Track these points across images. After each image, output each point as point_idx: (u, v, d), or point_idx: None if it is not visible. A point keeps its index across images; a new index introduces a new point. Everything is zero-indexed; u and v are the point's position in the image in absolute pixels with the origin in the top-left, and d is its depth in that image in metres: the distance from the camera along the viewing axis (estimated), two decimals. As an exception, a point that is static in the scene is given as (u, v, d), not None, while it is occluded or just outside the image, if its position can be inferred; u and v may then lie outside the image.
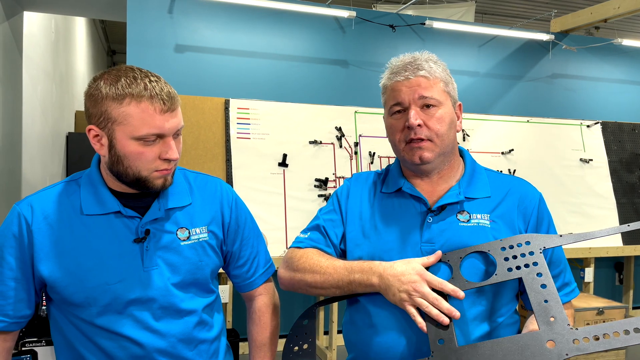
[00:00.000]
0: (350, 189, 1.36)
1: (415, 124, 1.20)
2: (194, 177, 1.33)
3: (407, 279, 1.11)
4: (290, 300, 3.79)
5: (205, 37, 3.86)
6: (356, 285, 1.18)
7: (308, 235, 1.33)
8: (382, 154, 3.76)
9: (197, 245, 1.25)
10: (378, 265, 1.16)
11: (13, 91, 4.26)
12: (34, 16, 4.87)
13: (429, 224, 1.23)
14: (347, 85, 4.15)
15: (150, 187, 1.17)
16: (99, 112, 1.11)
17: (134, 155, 1.12)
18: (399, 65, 1.26)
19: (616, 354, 3.67)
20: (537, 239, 1.15)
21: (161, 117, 1.11)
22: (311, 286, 1.24)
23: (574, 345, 0.99)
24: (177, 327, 1.21)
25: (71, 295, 1.15)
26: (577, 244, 3.97)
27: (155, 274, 1.19)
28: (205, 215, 1.28)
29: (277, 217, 3.41)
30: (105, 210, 1.18)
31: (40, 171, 5.28)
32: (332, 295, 1.24)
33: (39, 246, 1.16)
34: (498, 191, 1.27)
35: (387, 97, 1.27)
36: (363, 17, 4.17)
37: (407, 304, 1.09)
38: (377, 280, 1.14)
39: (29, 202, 1.19)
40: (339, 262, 1.23)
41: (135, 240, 1.18)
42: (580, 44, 4.83)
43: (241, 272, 1.37)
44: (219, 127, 3.46)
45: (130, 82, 1.10)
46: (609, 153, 4.32)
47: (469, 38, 4.54)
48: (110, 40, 10.98)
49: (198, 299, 1.25)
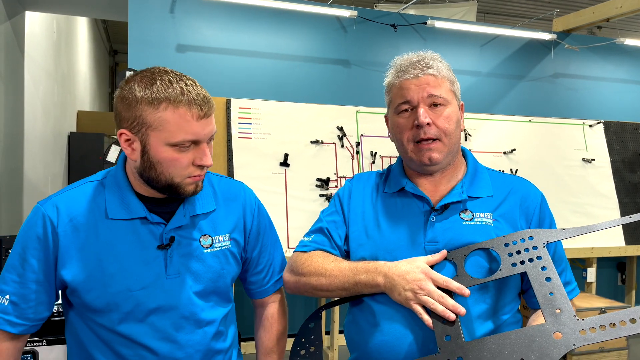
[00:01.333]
0: (352, 189, 1.36)
1: (425, 122, 1.19)
2: (218, 181, 1.30)
3: (412, 278, 1.11)
4: (293, 302, 3.79)
5: (207, 37, 3.86)
6: (362, 286, 1.18)
7: (312, 238, 1.33)
8: (383, 153, 3.76)
9: (219, 254, 1.22)
10: (383, 265, 1.16)
11: (15, 91, 4.27)
12: (35, 16, 4.87)
13: (432, 223, 1.22)
14: (349, 85, 4.14)
15: (181, 193, 1.14)
16: (133, 116, 1.07)
17: (168, 161, 1.09)
18: (406, 64, 1.24)
19: (618, 354, 3.67)
20: (539, 233, 1.15)
21: (198, 123, 1.08)
22: (317, 289, 1.24)
23: (581, 335, 0.99)
24: (196, 338, 1.18)
25: (93, 301, 1.13)
26: (580, 244, 3.96)
27: (178, 282, 1.16)
28: (228, 223, 1.26)
29: (278, 217, 3.41)
30: (131, 215, 1.15)
31: (42, 171, 5.28)
32: (338, 297, 1.24)
33: (64, 249, 1.12)
34: (500, 190, 1.28)
35: (394, 95, 1.26)
36: (365, 16, 4.16)
37: (412, 303, 1.09)
38: (383, 280, 1.14)
39: (54, 202, 1.15)
40: (344, 264, 1.22)
41: (159, 246, 1.15)
42: (582, 43, 4.82)
43: (258, 278, 1.35)
44: (221, 126, 3.46)
45: (167, 85, 1.07)
46: (612, 153, 4.31)
47: (471, 37, 4.53)
48: (112, 40, 10.99)
49: (218, 309, 1.23)
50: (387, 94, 1.29)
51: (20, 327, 1.14)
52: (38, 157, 5.12)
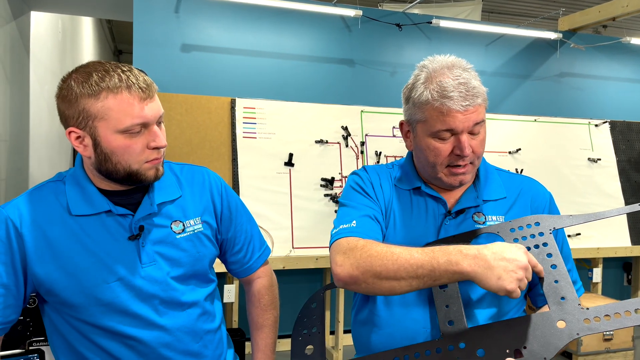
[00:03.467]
0: (371, 179, 1.29)
1: (469, 153, 1.15)
2: (180, 169, 1.30)
3: (513, 257, 0.99)
4: (296, 300, 3.78)
5: (212, 37, 3.86)
6: (441, 272, 1.01)
7: (355, 224, 1.17)
8: (388, 153, 3.75)
9: (193, 237, 1.23)
10: (469, 247, 1.02)
11: (20, 91, 4.28)
12: (41, 16, 4.89)
13: (445, 226, 1.22)
14: (354, 85, 4.14)
15: (142, 179, 1.14)
16: (77, 112, 1.08)
17: (121, 149, 1.09)
18: (450, 86, 1.13)
19: (624, 355, 3.65)
20: (546, 219, 1.14)
21: (141, 105, 1.08)
22: (381, 277, 1.05)
23: (585, 324, 0.97)
24: (181, 320, 1.19)
25: (70, 297, 1.12)
26: (586, 244, 3.95)
27: (154, 269, 1.17)
28: (197, 206, 1.26)
29: (283, 217, 3.40)
30: (95, 210, 1.15)
31: (47, 170, 5.30)
32: (407, 288, 1.06)
33: (32, 249, 1.11)
34: (511, 192, 1.27)
35: (432, 118, 1.15)
36: (369, 16, 4.15)
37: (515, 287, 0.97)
38: (472, 262, 0.99)
39: (16, 204, 1.14)
40: (414, 249, 1.06)
41: (130, 237, 1.15)
42: (588, 42, 4.80)
43: (238, 257, 1.36)
44: (225, 126, 3.46)
45: (103, 75, 1.07)
46: (618, 152, 4.28)
47: (476, 37, 4.51)
48: (116, 40, 11.01)
49: (199, 290, 1.24)
50: (419, 109, 1.18)
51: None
52: (43, 156, 5.13)
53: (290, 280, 3.85)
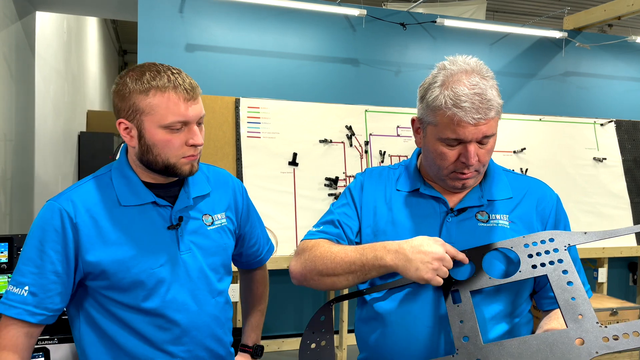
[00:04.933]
0: (363, 183, 1.34)
1: (475, 162, 1.16)
2: (207, 168, 1.44)
3: (429, 250, 1.10)
4: (300, 298, 3.79)
5: (216, 36, 3.87)
6: (369, 267, 1.14)
7: (321, 228, 1.30)
8: (392, 152, 3.75)
9: (220, 230, 1.37)
10: (391, 243, 1.13)
11: (26, 91, 4.30)
12: (46, 16, 4.90)
13: (448, 224, 1.22)
14: (358, 84, 4.13)
15: (178, 173, 1.26)
16: (127, 105, 1.21)
17: (162, 142, 1.21)
18: (464, 96, 1.12)
19: (630, 355, 3.63)
20: (561, 235, 1.13)
21: (185, 105, 1.21)
22: (322, 274, 1.19)
23: (604, 343, 0.96)
24: (211, 307, 1.32)
25: (119, 281, 1.22)
26: (591, 244, 3.93)
27: (190, 257, 1.29)
28: (222, 203, 1.40)
29: (287, 216, 3.41)
30: (141, 201, 1.26)
31: (52, 170, 5.32)
32: (346, 284, 1.19)
33: (85, 238, 1.21)
34: (517, 192, 1.27)
35: (443, 124, 1.15)
36: (374, 15, 4.15)
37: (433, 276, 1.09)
38: (393, 256, 1.11)
39: (69, 197, 1.24)
40: (350, 247, 1.19)
41: (169, 227, 1.27)
42: (593, 41, 4.78)
43: (253, 250, 1.54)
44: (230, 126, 3.47)
45: (154, 75, 1.20)
46: (623, 152, 4.26)
47: (481, 36, 4.50)
48: (121, 40, 11.05)
49: (225, 280, 1.39)
50: (432, 111, 1.17)
51: (39, 317, 1.20)
52: (49, 156, 5.15)
53: (295, 279, 3.85)
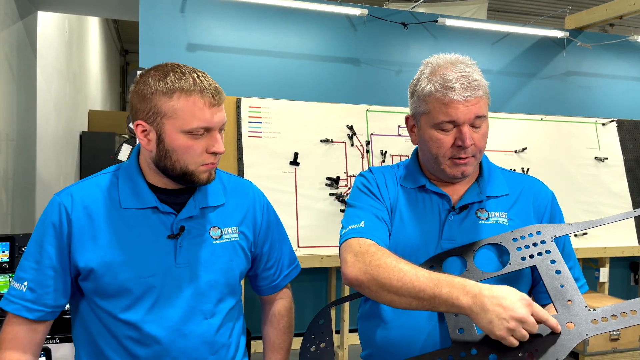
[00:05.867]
0: (377, 180, 1.32)
1: (471, 144, 1.18)
2: (227, 178, 1.34)
3: (510, 305, 0.96)
4: (301, 300, 3.79)
5: (217, 36, 3.87)
6: (440, 301, 1.02)
7: (363, 224, 1.20)
8: (393, 152, 3.75)
9: (228, 245, 1.25)
10: (473, 285, 1.01)
11: (27, 90, 4.30)
12: (47, 16, 4.91)
13: (450, 221, 1.24)
14: (359, 84, 4.13)
15: (195, 181, 1.18)
16: (148, 107, 1.13)
17: (182, 148, 1.14)
18: (452, 78, 1.17)
19: (631, 355, 3.63)
20: (547, 228, 1.18)
21: (210, 110, 1.13)
22: (383, 288, 1.08)
23: (593, 325, 0.99)
24: (202, 329, 1.20)
25: (106, 285, 1.15)
26: (592, 243, 3.93)
27: (187, 272, 1.19)
28: (236, 216, 1.29)
29: (288, 216, 3.41)
30: (143, 204, 1.19)
31: (54, 170, 5.33)
32: (406, 305, 1.09)
33: (77, 235, 1.16)
34: (514, 189, 1.29)
35: (435, 110, 1.19)
36: (375, 15, 4.15)
37: (506, 335, 0.96)
38: (470, 300, 0.99)
39: (70, 192, 1.20)
40: (422, 271, 1.07)
41: (169, 236, 1.19)
42: (595, 41, 4.77)
43: (269, 274, 1.37)
44: (231, 125, 3.47)
45: (179, 77, 1.13)
46: (625, 151, 4.26)
47: (482, 35, 4.50)
48: (122, 40, 11.06)
49: (225, 302, 1.25)
50: (422, 101, 1.21)
51: (37, 313, 1.16)
52: (50, 156, 5.16)
53: (296, 279, 3.83)
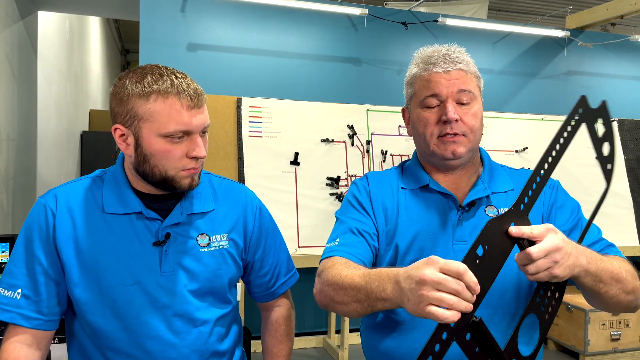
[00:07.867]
0: (368, 189, 1.28)
1: (454, 118, 1.15)
2: (219, 183, 1.29)
3: (415, 273, 0.82)
4: (303, 301, 3.79)
5: (218, 36, 3.87)
6: (374, 298, 0.93)
7: (338, 242, 1.18)
8: (394, 152, 3.74)
9: (216, 253, 1.20)
10: (398, 269, 0.89)
11: (28, 90, 4.31)
12: (48, 16, 4.91)
13: (459, 221, 1.19)
14: (359, 83, 4.13)
15: (177, 187, 1.13)
16: (125, 110, 1.09)
17: (160, 153, 1.09)
18: (434, 56, 1.19)
19: (632, 355, 3.62)
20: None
21: (188, 113, 1.08)
22: (334, 301, 1.05)
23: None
24: (190, 338, 1.16)
25: (83, 294, 1.12)
26: (593, 243, 3.91)
27: (172, 280, 1.15)
28: (227, 223, 1.24)
29: (288, 216, 3.41)
30: (127, 210, 1.14)
31: (55, 169, 5.33)
32: (358, 316, 1.02)
33: (61, 237, 1.12)
34: (518, 184, 1.26)
35: (419, 88, 1.20)
36: (375, 14, 4.14)
37: (424, 307, 0.80)
38: (393, 287, 0.89)
39: (54, 193, 1.16)
40: (359, 271, 1.01)
41: (154, 243, 1.14)
42: (596, 40, 4.76)
43: (263, 281, 1.33)
44: (231, 125, 3.47)
45: (157, 79, 1.09)
46: (626, 151, 4.25)
47: (483, 35, 4.49)
48: (123, 40, 11.06)
49: (214, 309, 1.21)
50: (410, 85, 1.23)
51: (34, 322, 1.11)
52: (51, 156, 5.16)
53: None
